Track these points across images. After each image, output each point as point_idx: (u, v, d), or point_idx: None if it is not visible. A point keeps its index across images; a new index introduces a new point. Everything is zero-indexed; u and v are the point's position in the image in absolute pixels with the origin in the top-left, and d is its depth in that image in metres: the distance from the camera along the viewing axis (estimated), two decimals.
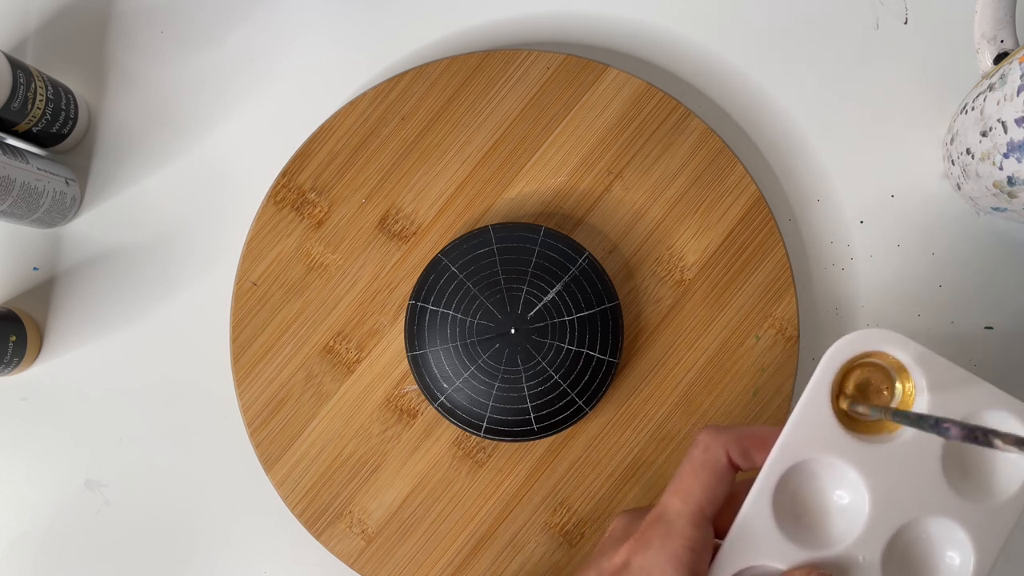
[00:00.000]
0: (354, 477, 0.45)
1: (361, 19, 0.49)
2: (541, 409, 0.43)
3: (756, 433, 0.31)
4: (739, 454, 0.31)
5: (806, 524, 0.31)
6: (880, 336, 0.31)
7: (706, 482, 0.30)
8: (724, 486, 0.31)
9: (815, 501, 0.31)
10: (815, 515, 0.31)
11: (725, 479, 0.31)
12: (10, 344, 0.45)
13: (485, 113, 0.46)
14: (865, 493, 0.30)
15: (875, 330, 0.31)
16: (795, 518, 0.31)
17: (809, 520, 0.31)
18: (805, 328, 0.46)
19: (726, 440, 0.31)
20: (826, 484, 0.31)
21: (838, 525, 0.31)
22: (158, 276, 0.48)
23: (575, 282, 0.43)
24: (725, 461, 0.31)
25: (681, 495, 0.31)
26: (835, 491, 0.31)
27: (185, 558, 0.47)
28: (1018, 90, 0.36)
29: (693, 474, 0.31)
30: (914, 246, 0.46)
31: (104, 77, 0.49)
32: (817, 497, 0.31)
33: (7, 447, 0.48)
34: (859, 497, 0.30)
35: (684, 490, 0.31)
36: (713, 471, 0.31)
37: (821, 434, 0.30)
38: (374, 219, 0.46)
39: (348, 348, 0.45)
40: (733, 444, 0.31)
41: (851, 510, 0.31)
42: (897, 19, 0.47)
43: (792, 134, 0.47)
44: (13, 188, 0.42)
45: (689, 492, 0.31)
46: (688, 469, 0.31)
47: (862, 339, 0.31)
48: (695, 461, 0.31)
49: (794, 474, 0.31)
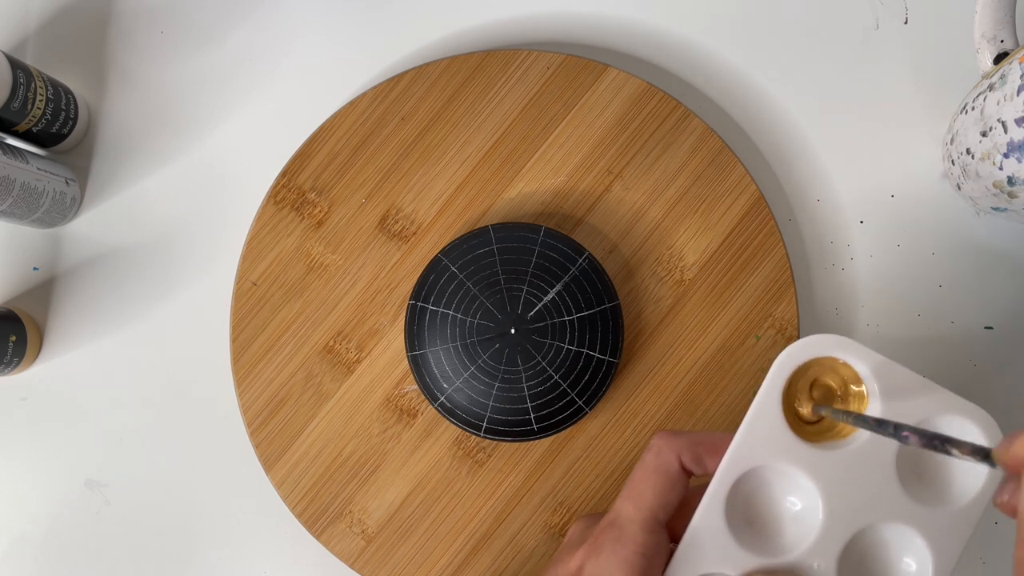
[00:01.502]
0: (354, 477, 0.45)
1: (361, 19, 0.49)
2: (541, 409, 0.43)
3: (709, 439, 0.31)
4: (692, 460, 0.31)
5: (759, 531, 0.31)
6: (831, 342, 0.30)
7: (658, 487, 0.30)
8: (676, 491, 0.31)
9: (768, 508, 0.31)
10: (768, 522, 0.31)
11: (677, 484, 0.31)
12: (10, 344, 0.45)
13: (485, 113, 0.46)
14: (818, 499, 0.30)
15: (826, 336, 0.30)
16: (748, 524, 0.31)
17: (762, 527, 0.31)
18: (805, 328, 0.46)
19: (679, 445, 0.31)
20: (779, 491, 0.31)
21: (792, 532, 0.30)
22: (158, 276, 0.48)
23: (575, 282, 0.43)
24: (677, 466, 0.31)
25: (633, 500, 0.31)
26: (788, 497, 0.31)
27: (185, 558, 0.47)
28: (1018, 90, 0.36)
29: (645, 479, 0.31)
30: (914, 246, 0.46)
31: (104, 77, 0.49)
32: (770, 504, 0.31)
33: (7, 447, 0.48)
34: (812, 504, 0.30)
35: (636, 495, 0.31)
36: (665, 476, 0.30)
37: (773, 440, 0.30)
38: (374, 219, 0.46)
39: (348, 348, 0.45)
40: (686, 450, 0.31)
41: (805, 517, 0.30)
42: (897, 19, 0.47)
43: (792, 134, 0.47)
44: (13, 188, 0.42)
45: (641, 497, 0.30)
46: (641, 474, 0.31)
47: (813, 345, 0.30)
48: (647, 466, 0.31)
49: (747, 481, 0.30)
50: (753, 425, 0.30)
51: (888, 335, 0.46)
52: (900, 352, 0.46)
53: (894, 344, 0.46)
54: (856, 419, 0.28)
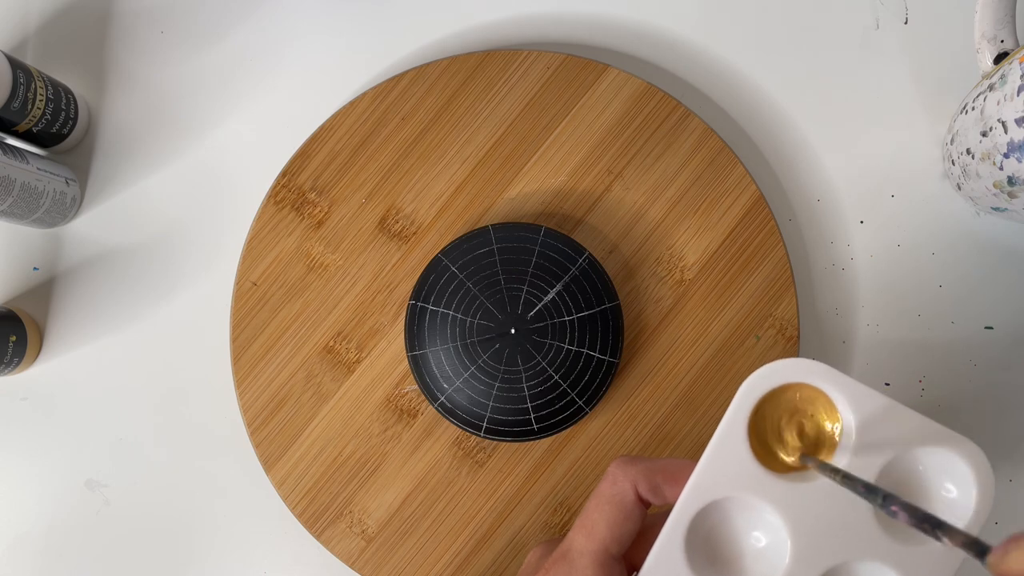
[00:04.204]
0: (354, 477, 0.45)
1: (361, 19, 0.49)
2: (541, 409, 0.43)
3: (667, 467, 0.29)
4: (648, 489, 0.29)
5: (721, 568, 0.29)
6: (802, 367, 0.28)
7: (611, 519, 0.29)
8: (632, 522, 0.29)
9: (731, 543, 0.29)
10: (731, 558, 0.29)
11: (632, 515, 0.29)
12: (10, 344, 0.45)
13: (485, 113, 0.46)
14: (786, 535, 0.28)
15: (797, 360, 0.28)
16: (710, 561, 0.29)
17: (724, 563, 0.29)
18: (805, 328, 0.46)
19: (635, 474, 0.29)
20: (743, 524, 0.29)
21: (755, 570, 0.28)
22: (158, 276, 0.48)
23: (575, 282, 0.43)
24: (632, 496, 0.29)
25: (585, 532, 0.29)
26: (752, 532, 0.29)
27: (185, 558, 0.47)
28: (1018, 90, 0.36)
29: (598, 509, 0.29)
30: (914, 246, 0.46)
31: (104, 77, 0.49)
32: (733, 538, 0.29)
33: (7, 447, 0.48)
34: (779, 540, 0.28)
35: (589, 526, 0.29)
36: (620, 507, 0.29)
37: (737, 472, 0.28)
38: (374, 219, 0.46)
39: (348, 348, 0.45)
40: (642, 478, 0.29)
41: (770, 553, 0.28)
42: (897, 19, 0.47)
43: (792, 134, 0.47)
44: (13, 188, 0.42)
45: (593, 529, 0.29)
46: (594, 504, 0.29)
47: (781, 370, 0.28)
48: (602, 496, 0.29)
49: (709, 513, 0.28)
50: (716, 454, 0.28)
51: (888, 335, 0.46)
52: (900, 352, 0.46)
53: (894, 344, 0.46)
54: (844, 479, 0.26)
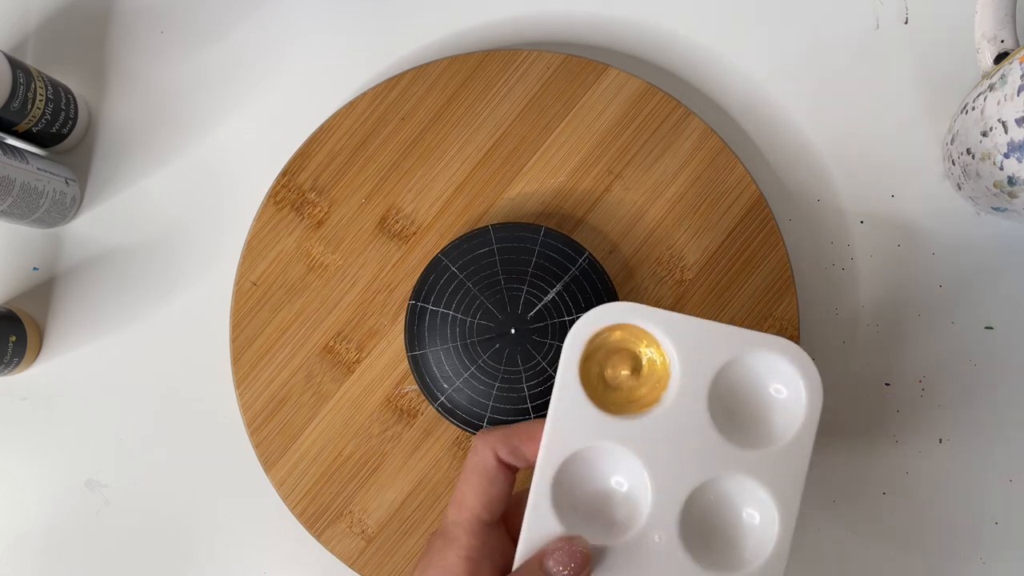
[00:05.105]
0: (354, 477, 0.45)
1: (361, 19, 0.49)
2: (541, 409, 0.43)
3: (523, 429, 0.30)
4: (508, 452, 0.30)
5: (591, 516, 0.30)
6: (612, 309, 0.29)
7: (477, 487, 0.30)
8: (498, 487, 0.30)
9: (596, 490, 0.30)
10: (602, 508, 0.30)
11: (497, 480, 0.30)
12: (10, 344, 0.45)
13: (485, 113, 0.46)
14: (643, 471, 0.29)
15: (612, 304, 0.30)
16: (582, 516, 0.30)
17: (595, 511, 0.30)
18: (805, 328, 0.46)
19: (493, 441, 0.30)
20: (604, 471, 0.30)
21: (623, 510, 0.30)
22: (158, 276, 0.48)
23: (575, 282, 0.43)
24: (494, 462, 0.30)
25: (456, 504, 0.30)
26: (613, 477, 0.30)
27: (185, 558, 0.47)
28: (1018, 90, 0.36)
29: (466, 481, 0.30)
30: (914, 246, 0.46)
31: (104, 77, 0.49)
32: (597, 486, 0.30)
33: (7, 447, 0.48)
34: (638, 477, 0.29)
35: (459, 499, 0.30)
36: (483, 474, 0.30)
37: (582, 422, 0.29)
38: (374, 219, 0.46)
39: (348, 348, 0.45)
40: (500, 444, 0.30)
41: (634, 492, 0.29)
42: (897, 19, 0.47)
43: (792, 134, 0.47)
44: (13, 188, 0.42)
45: (463, 500, 0.30)
46: (462, 477, 0.31)
47: (595, 318, 0.29)
48: (467, 467, 0.30)
49: (570, 467, 0.29)
50: (558, 409, 0.29)
51: (888, 335, 0.46)
52: (900, 352, 0.46)
53: (894, 344, 0.46)
54: None
